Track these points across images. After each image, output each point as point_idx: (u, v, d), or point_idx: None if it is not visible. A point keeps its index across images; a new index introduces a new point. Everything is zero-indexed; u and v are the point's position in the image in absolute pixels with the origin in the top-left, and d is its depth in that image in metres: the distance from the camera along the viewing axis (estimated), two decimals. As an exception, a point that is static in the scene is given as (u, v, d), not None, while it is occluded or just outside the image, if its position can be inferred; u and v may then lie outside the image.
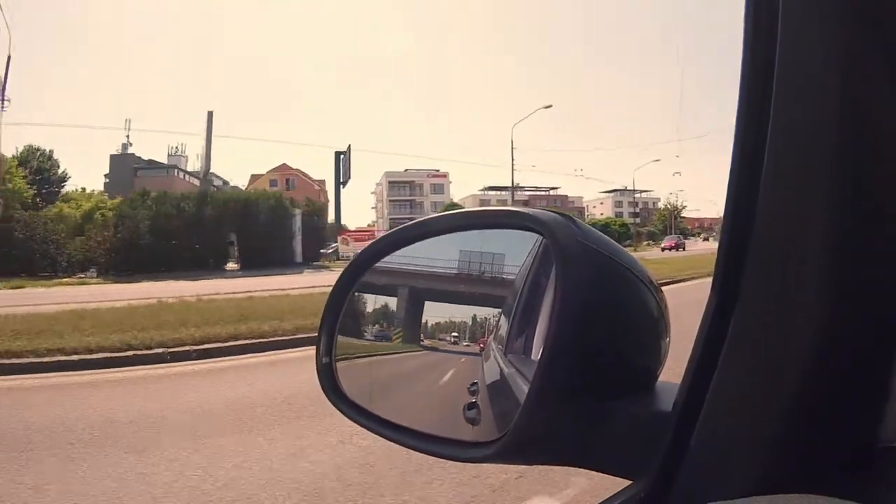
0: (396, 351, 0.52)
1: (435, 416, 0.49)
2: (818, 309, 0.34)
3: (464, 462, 0.45)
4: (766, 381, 0.35)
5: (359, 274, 0.54)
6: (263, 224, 22.24)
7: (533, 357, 0.41)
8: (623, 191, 66.67)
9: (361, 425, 0.51)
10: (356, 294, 0.54)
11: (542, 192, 67.49)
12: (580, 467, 0.42)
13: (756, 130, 0.35)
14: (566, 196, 66.29)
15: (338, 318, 0.54)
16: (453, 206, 46.36)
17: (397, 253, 0.51)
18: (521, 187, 67.67)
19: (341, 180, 41.68)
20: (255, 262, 21.22)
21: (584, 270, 0.40)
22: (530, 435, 0.40)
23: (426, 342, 0.49)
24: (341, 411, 0.52)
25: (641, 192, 73.62)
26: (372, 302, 0.55)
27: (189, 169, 53.25)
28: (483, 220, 0.48)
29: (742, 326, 0.36)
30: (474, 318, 0.48)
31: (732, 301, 0.36)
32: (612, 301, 0.41)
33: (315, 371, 0.53)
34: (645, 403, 0.41)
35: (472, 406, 0.46)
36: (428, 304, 0.51)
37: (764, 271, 0.35)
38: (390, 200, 57.76)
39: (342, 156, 41.17)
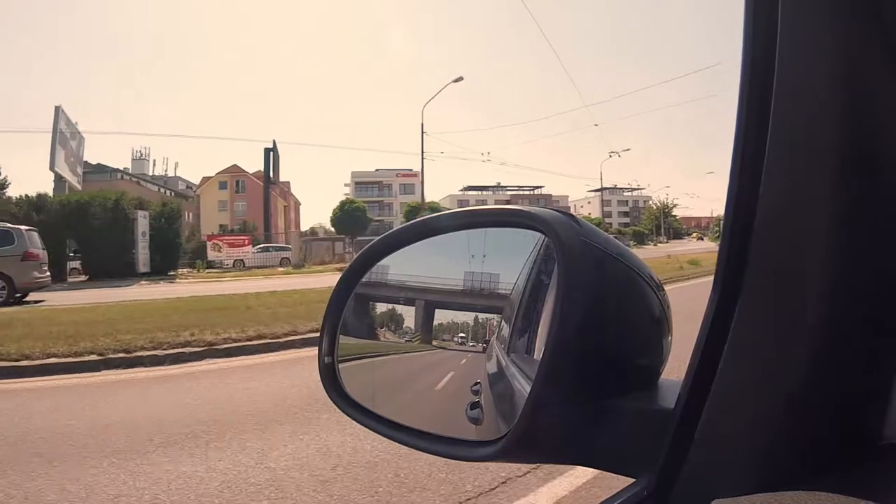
0: (399, 351, 0.52)
1: (438, 416, 0.49)
2: (820, 305, 0.34)
3: (466, 461, 0.45)
4: (768, 377, 0.35)
5: (360, 274, 0.53)
6: (101, 230, 19.66)
7: (535, 356, 0.41)
8: (613, 189, 62.72)
9: (363, 425, 0.50)
10: (358, 296, 0.54)
11: (526, 192, 64.13)
12: (583, 466, 0.42)
13: (756, 130, 0.35)
14: (550, 195, 62.76)
15: (339, 319, 0.53)
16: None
17: (402, 255, 0.51)
18: (504, 187, 64.61)
19: (271, 179, 39.44)
20: (100, 273, 19.18)
21: (586, 269, 0.40)
22: (533, 434, 0.40)
23: (433, 343, 0.49)
24: (343, 411, 0.52)
25: (633, 189, 68.99)
26: (375, 304, 0.54)
27: (156, 172, 52.39)
28: (485, 219, 0.48)
29: (744, 323, 0.36)
30: (476, 318, 0.47)
31: (734, 298, 0.36)
32: (614, 299, 0.41)
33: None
34: (647, 401, 0.41)
35: (475, 406, 0.46)
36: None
37: (765, 268, 0.35)
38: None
39: (271, 153, 38.79)
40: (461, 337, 0.47)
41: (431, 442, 0.46)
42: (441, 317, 0.49)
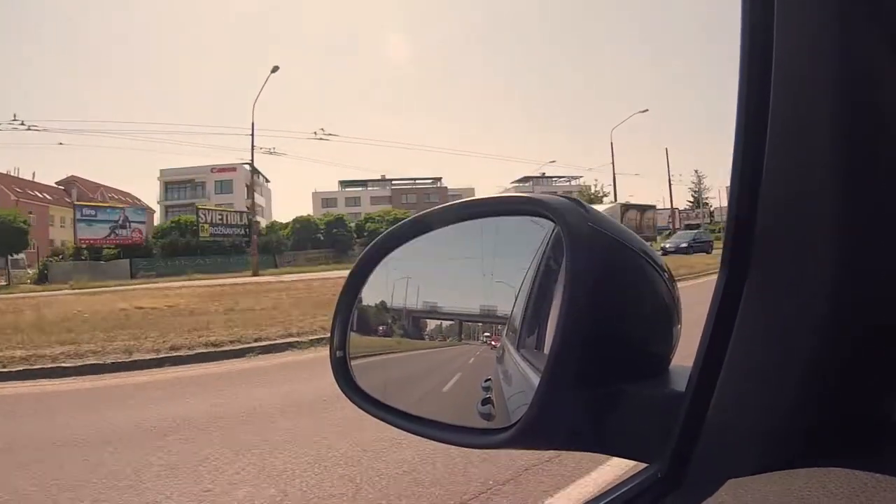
0: (406, 349, 0.52)
1: (449, 411, 0.49)
2: (827, 286, 0.34)
3: (478, 449, 0.45)
4: (777, 359, 0.35)
5: (369, 270, 0.53)
6: None
7: (545, 350, 0.41)
8: (540, 178, 46.56)
9: (376, 416, 0.51)
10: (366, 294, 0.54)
11: (423, 185, 48.96)
12: (595, 452, 0.42)
13: (756, 129, 0.35)
14: (446, 188, 47.25)
15: (350, 315, 0.54)
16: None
17: (409, 249, 0.51)
18: (389, 180, 49.88)
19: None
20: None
21: (595, 255, 0.40)
22: (544, 420, 0.40)
23: (443, 340, 0.49)
24: (355, 403, 0.52)
25: (573, 178, 52.00)
26: (382, 303, 0.54)
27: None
28: (494, 208, 0.48)
29: (751, 306, 0.36)
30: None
31: (741, 282, 0.36)
32: (623, 286, 0.41)
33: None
34: (658, 386, 0.41)
35: (486, 401, 0.46)
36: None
37: (770, 252, 0.35)
38: (168, 206, 42.02)
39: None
40: (486, 336, 0.47)
41: (443, 431, 0.46)
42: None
